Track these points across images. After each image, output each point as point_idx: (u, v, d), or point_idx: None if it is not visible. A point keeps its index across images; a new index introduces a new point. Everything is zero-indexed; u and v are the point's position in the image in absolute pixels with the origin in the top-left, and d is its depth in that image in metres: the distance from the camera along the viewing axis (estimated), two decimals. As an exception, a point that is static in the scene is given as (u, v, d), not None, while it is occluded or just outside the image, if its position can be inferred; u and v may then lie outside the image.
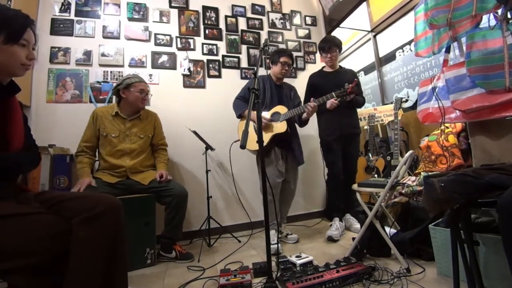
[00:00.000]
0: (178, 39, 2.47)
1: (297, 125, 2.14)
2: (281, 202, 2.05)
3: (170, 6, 2.51)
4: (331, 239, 1.90)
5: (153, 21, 2.44)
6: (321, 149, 2.33)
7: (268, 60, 2.19)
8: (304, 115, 1.95)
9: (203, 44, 2.54)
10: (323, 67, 2.31)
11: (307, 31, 2.98)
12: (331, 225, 2.07)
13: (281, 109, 1.98)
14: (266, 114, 1.97)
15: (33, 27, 0.87)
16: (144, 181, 1.75)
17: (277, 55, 2.06)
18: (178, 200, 1.72)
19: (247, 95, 2.04)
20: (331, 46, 2.14)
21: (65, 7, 2.22)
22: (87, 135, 1.76)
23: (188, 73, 2.44)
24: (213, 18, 2.63)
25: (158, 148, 1.97)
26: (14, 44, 0.81)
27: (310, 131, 2.59)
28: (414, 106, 2.42)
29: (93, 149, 1.78)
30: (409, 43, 2.53)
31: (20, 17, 0.84)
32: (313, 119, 2.26)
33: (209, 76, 2.53)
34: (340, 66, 2.28)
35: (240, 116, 2.05)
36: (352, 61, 3.44)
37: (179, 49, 2.47)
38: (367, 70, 3.19)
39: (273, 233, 1.86)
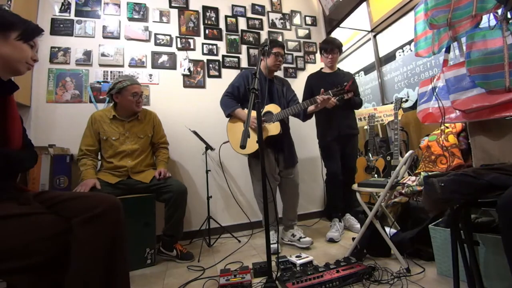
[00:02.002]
0: (178, 39, 2.47)
1: (289, 124, 2.09)
2: (285, 200, 2.00)
3: (170, 6, 2.51)
4: (332, 241, 1.89)
5: (153, 21, 2.44)
6: (319, 150, 2.33)
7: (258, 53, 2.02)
8: (312, 107, 1.86)
9: (203, 44, 2.54)
10: (322, 68, 2.31)
11: (307, 31, 2.98)
12: (331, 226, 2.07)
13: (274, 108, 1.90)
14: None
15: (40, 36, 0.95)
16: (145, 179, 1.76)
17: (269, 46, 1.95)
18: (177, 197, 1.72)
19: (235, 92, 1.97)
20: (333, 47, 2.15)
21: (65, 7, 2.22)
22: (87, 139, 1.76)
23: (188, 73, 2.44)
24: (213, 18, 2.63)
25: (159, 147, 1.97)
26: (25, 42, 0.88)
27: (308, 131, 2.58)
28: (414, 106, 2.42)
29: (94, 152, 1.78)
30: (409, 43, 2.53)
31: (33, 24, 0.92)
32: (312, 119, 2.26)
33: (209, 76, 2.53)
34: (338, 68, 2.29)
35: (229, 115, 1.97)
36: (352, 61, 3.44)
37: (179, 49, 2.47)
38: (367, 70, 3.19)
39: (272, 233, 1.86)
